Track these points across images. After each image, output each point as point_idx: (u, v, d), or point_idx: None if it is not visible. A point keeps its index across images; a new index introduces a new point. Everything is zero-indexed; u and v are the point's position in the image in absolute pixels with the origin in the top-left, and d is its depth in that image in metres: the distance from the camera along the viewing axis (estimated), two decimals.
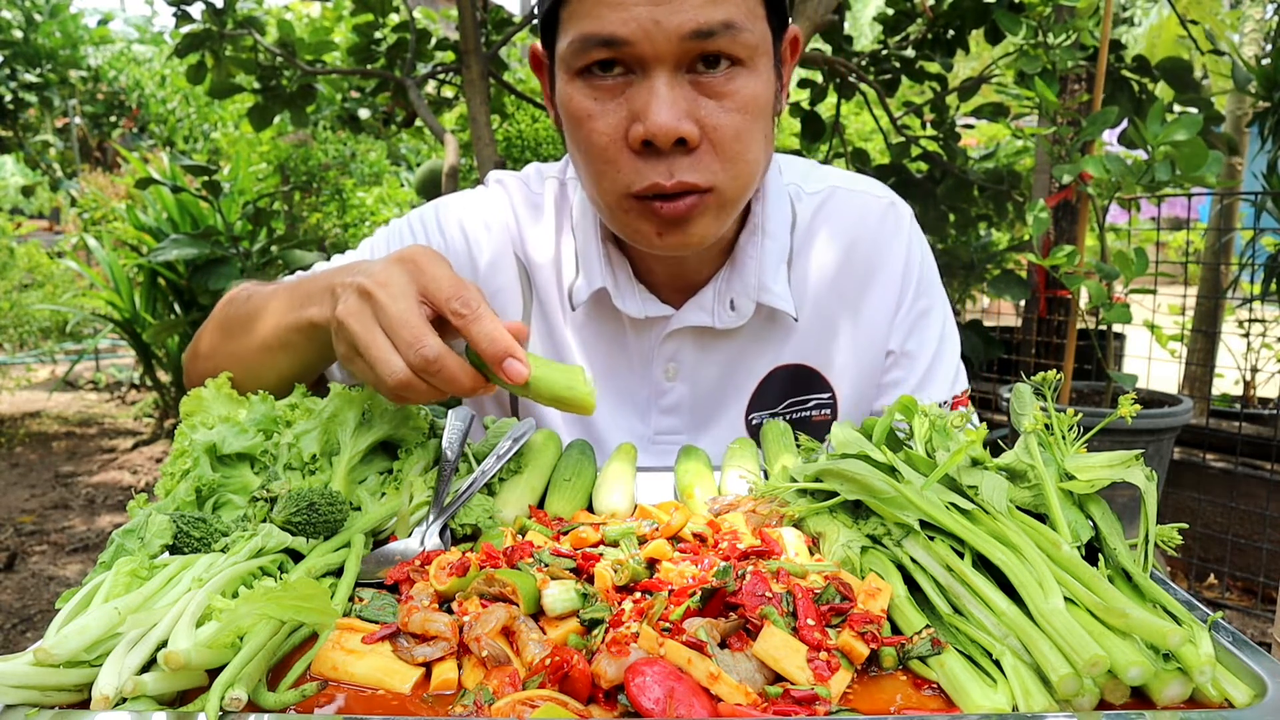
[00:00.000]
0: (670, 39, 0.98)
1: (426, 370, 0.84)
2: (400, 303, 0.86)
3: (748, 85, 1.04)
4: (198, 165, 3.65)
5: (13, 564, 3.87)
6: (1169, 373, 4.27)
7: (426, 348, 0.84)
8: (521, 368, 0.85)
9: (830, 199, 1.32)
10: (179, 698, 0.63)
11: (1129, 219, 4.34)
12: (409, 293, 0.87)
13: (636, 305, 1.25)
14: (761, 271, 1.24)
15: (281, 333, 1.09)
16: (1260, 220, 3.57)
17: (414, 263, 0.90)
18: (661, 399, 1.31)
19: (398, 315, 0.86)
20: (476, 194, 1.39)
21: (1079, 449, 0.84)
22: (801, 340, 1.30)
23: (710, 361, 1.30)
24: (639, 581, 0.75)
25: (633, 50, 0.99)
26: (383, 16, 3.77)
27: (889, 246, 1.32)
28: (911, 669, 0.67)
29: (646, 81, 1.01)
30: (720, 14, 0.98)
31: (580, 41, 1.01)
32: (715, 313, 1.25)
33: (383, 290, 0.87)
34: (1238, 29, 5.40)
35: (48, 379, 7.60)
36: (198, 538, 0.79)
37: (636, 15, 0.97)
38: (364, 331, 0.87)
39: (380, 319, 0.87)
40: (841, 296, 1.31)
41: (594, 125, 1.05)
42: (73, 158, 11.52)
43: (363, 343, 0.86)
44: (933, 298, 1.35)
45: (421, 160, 7.41)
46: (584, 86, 1.05)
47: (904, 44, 3.88)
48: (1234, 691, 0.62)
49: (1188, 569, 3.57)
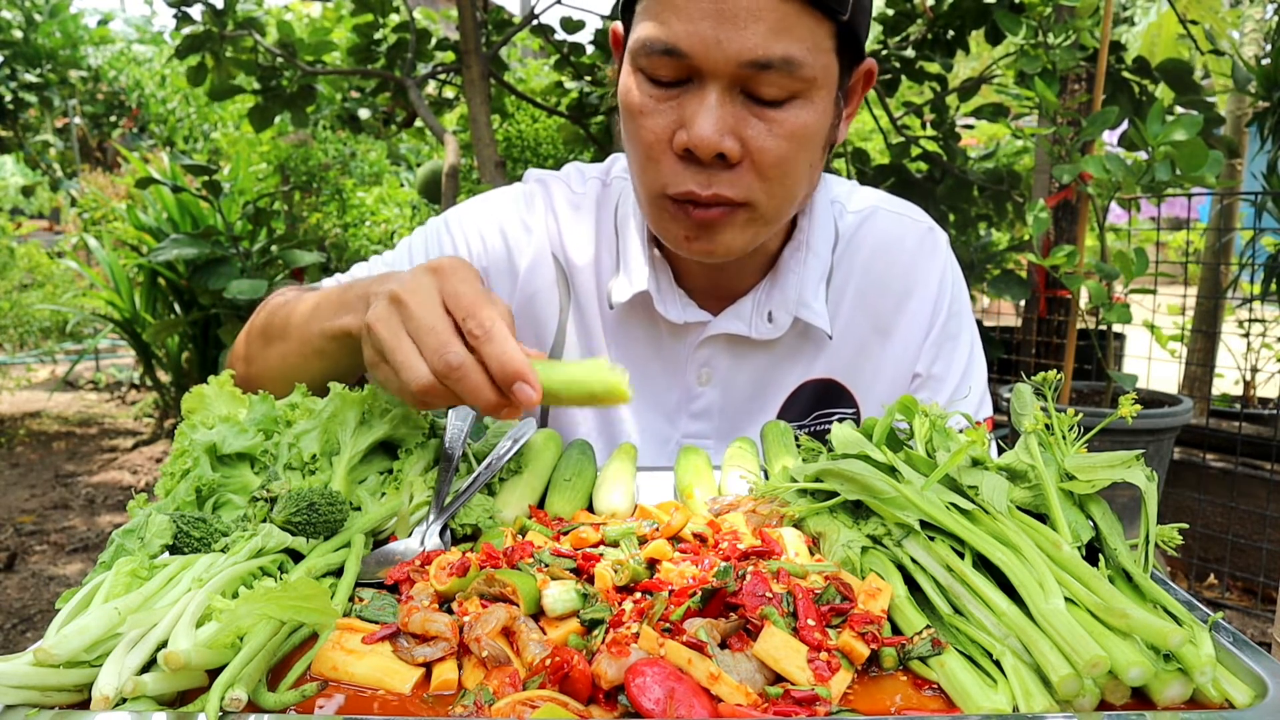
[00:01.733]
0: (729, 61, 0.99)
1: (449, 377, 0.84)
2: (427, 309, 0.87)
3: (799, 115, 1.04)
4: (198, 165, 3.65)
5: (13, 564, 3.87)
6: (1169, 373, 4.27)
7: (451, 354, 0.84)
8: (531, 392, 0.84)
9: (871, 218, 1.34)
10: (179, 698, 0.63)
11: (1129, 219, 4.34)
12: (436, 301, 0.88)
13: (677, 310, 1.26)
14: (802, 286, 1.25)
15: (317, 339, 1.10)
16: (1260, 220, 3.57)
17: (441, 273, 0.91)
18: (692, 404, 1.32)
19: (424, 322, 0.86)
20: (515, 194, 1.39)
21: (1079, 449, 0.84)
22: (833, 356, 1.32)
23: (743, 370, 1.31)
24: (639, 582, 0.75)
25: (691, 62, 1.01)
26: (383, 17, 3.78)
27: (925, 270, 1.33)
28: (912, 669, 0.67)
29: (700, 91, 1.02)
30: (781, 48, 0.99)
31: (646, 43, 1.03)
32: (753, 323, 1.27)
33: (412, 297, 0.88)
34: (1238, 28, 5.40)
35: (48, 379, 7.60)
36: (198, 538, 0.79)
37: (700, 30, 0.98)
38: (391, 337, 0.87)
39: (408, 325, 0.87)
40: (875, 316, 1.33)
41: (644, 122, 1.07)
42: (73, 158, 11.52)
43: (389, 347, 0.87)
44: (962, 323, 1.37)
45: (421, 160, 7.41)
46: (644, 82, 1.07)
47: (904, 44, 3.88)
48: (1234, 692, 0.62)
49: (1188, 569, 3.57)
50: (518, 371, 0.83)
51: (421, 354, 0.86)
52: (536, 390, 0.84)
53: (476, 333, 0.85)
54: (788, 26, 0.98)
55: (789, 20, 0.98)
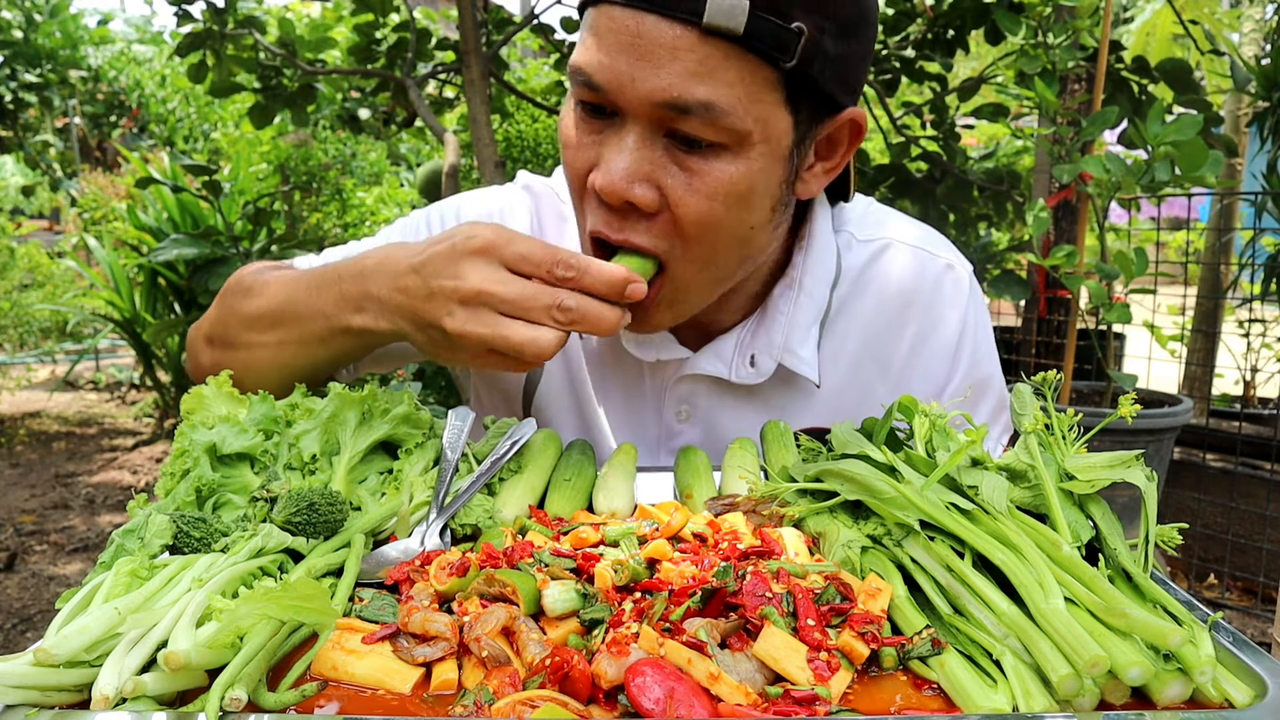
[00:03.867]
0: (643, 101, 0.91)
1: (576, 322, 0.88)
2: (512, 286, 0.89)
3: (727, 170, 0.94)
4: (198, 165, 3.64)
5: (13, 564, 3.87)
6: (1169, 373, 4.27)
7: (564, 302, 0.88)
8: (642, 286, 0.91)
9: (884, 253, 1.22)
10: (179, 698, 0.63)
11: (1129, 219, 4.34)
12: (505, 273, 0.90)
13: (651, 350, 1.19)
14: (790, 330, 1.16)
15: (322, 332, 1.05)
16: (1260, 220, 3.57)
17: (493, 248, 0.91)
18: (671, 440, 1.25)
19: (519, 295, 0.89)
20: (502, 196, 1.31)
21: (1079, 449, 0.84)
22: (825, 404, 1.21)
23: (724, 408, 1.23)
24: (639, 582, 0.74)
25: (608, 98, 0.94)
26: (383, 16, 3.77)
27: (944, 314, 1.22)
28: (912, 669, 0.67)
29: (620, 130, 0.95)
30: (703, 92, 0.89)
31: (572, 69, 0.97)
32: (733, 366, 1.18)
33: (488, 284, 0.89)
34: (1236, 29, 5.40)
35: (48, 379, 7.59)
36: (198, 538, 0.79)
37: (615, 65, 0.91)
38: (494, 330, 0.89)
39: (503, 309, 0.89)
40: (885, 362, 1.23)
41: (570, 155, 1.02)
42: (73, 158, 11.52)
43: (499, 338, 0.88)
44: (989, 369, 1.26)
45: (422, 160, 7.40)
46: (576, 110, 1.01)
47: (904, 44, 3.87)
48: (1234, 692, 0.62)
49: (1188, 569, 3.57)
50: (624, 277, 0.90)
51: (535, 322, 0.88)
52: (643, 284, 0.92)
53: (569, 274, 0.89)
54: (710, 69, 0.89)
55: (713, 62, 0.89)
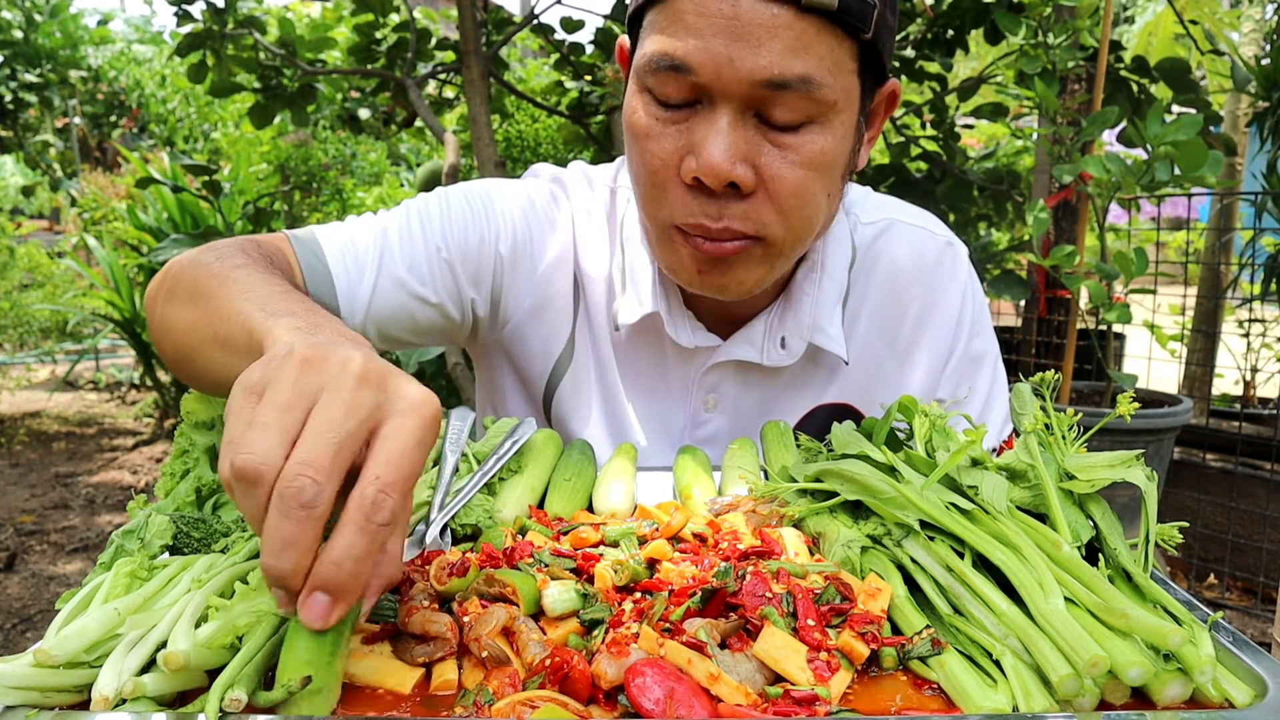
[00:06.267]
0: (742, 80, 0.91)
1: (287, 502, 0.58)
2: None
3: (817, 140, 0.97)
4: (198, 165, 3.65)
5: (13, 564, 3.87)
6: (1169, 373, 4.27)
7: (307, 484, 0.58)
8: (334, 615, 0.58)
9: (887, 232, 1.27)
10: (179, 698, 0.63)
11: (1129, 219, 4.34)
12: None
13: (687, 335, 1.19)
14: (817, 311, 1.18)
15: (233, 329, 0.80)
16: (1260, 220, 3.57)
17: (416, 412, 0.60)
18: (698, 429, 1.26)
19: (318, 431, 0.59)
20: (539, 188, 1.28)
21: (1079, 449, 0.84)
22: (847, 381, 1.26)
23: (752, 395, 1.25)
24: (639, 582, 0.74)
25: (701, 81, 0.93)
26: (383, 16, 3.77)
27: (945, 289, 1.27)
28: (912, 669, 0.67)
29: (710, 114, 0.95)
30: (800, 66, 0.91)
31: (652, 59, 0.95)
32: (764, 349, 1.20)
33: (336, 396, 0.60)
34: (1237, 28, 5.40)
35: (48, 379, 7.59)
36: (198, 538, 0.79)
37: (711, 46, 0.91)
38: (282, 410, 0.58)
39: (284, 414, 0.59)
40: (892, 337, 1.27)
41: (649, 146, 0.99)
42: (73, 158, 11.52)
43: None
44: (985, 343, 1.31)
45: (422, 160, 7.40)
46: (650, 103, 0.99)
47: (904, 44, 3.87)
48: (1234, 692, 0.62)
49: (1188, 569, 3.57)
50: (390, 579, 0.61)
51: (273, 441, 0.58)
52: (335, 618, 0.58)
53: (384, 519, 0.59)
54: (806, 44, 0.91)
55: (808, 37, 0.91)
